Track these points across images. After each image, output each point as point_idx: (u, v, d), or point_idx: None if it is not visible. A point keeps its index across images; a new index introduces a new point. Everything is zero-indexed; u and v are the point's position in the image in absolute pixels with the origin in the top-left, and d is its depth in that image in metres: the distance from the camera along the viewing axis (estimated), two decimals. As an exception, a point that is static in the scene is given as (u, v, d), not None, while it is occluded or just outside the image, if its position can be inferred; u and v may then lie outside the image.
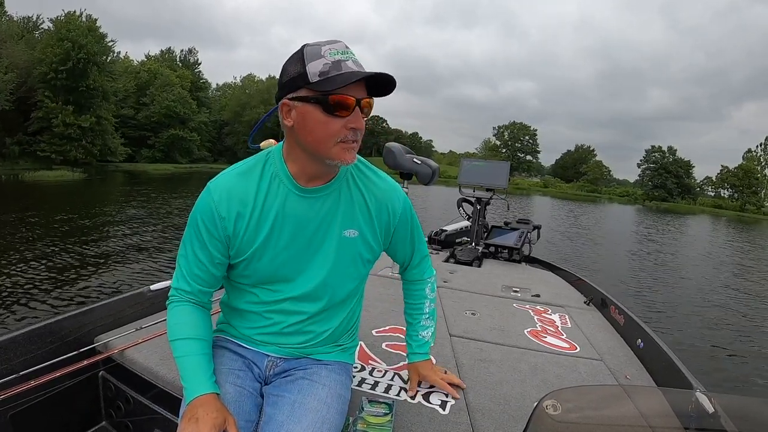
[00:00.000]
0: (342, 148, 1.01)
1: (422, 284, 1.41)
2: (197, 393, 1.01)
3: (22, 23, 34.00)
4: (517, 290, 3.07)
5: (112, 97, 34.76)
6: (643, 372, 1.89)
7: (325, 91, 0.95)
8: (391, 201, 1.20)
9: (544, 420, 0.85)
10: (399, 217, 1.22)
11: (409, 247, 1.32)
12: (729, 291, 9.17)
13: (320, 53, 0.95)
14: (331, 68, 0.94)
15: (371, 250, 1.20)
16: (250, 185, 1.09)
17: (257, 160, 1.13)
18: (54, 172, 23.95)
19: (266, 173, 1.10)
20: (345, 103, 0.96)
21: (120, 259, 7.03)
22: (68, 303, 4.91)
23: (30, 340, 1.53)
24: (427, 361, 1.45)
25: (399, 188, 1.24)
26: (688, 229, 27.22)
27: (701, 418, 0.87)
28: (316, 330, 1.21)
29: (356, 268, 1.20)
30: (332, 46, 0.97)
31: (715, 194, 71.61)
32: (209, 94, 57.99)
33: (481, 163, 4.82)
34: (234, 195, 1.08)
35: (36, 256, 6.65)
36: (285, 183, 1.09)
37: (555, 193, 63.63)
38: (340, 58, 0.95)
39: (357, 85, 0.97)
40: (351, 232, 1.15)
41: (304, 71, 0.96)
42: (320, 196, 1.11)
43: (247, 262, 1.12)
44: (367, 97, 1.00)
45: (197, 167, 43.08)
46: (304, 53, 0.97)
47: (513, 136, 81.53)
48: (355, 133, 1.01)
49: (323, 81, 0.94)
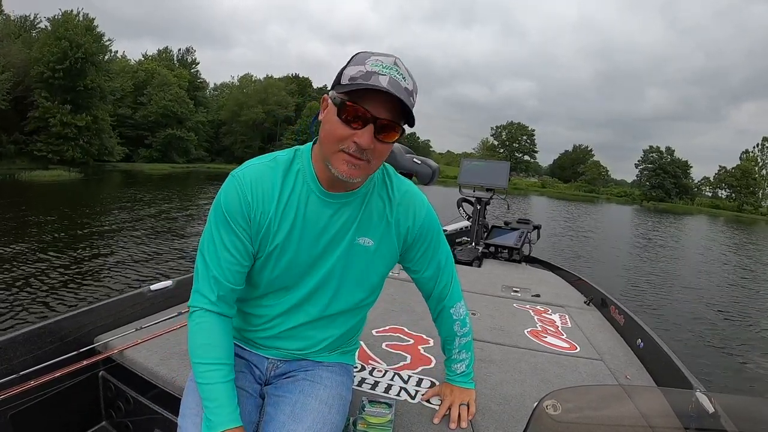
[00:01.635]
0: (342, 158, 0.96)
1: (448, 319, 1.34)
2: (223, 428, 0.98)
3: (19, 22, 33.94)
4: (517, 290, 3.07)
5: (110, 97, 34.65)
6: (643, 372, 1.89)
7: (345, 95, 0.93)
8: (411, 209, 1.16)
9: (544, 420, 0.85)
10: (418, 227, 1.17)
11: (428, 265, 1.25)
12: (729, 291, 9.21)
13: (364, 61, 0.93)
14: (362, 76, 0.91)
15: (385, 261, 1.17)
16: (275, 178, 1.05)
17: (284, 154, 1.09)
18: (50, 172, 23.85)
19: (292, 170, 1.07)
20: (356, 113, 0.92)
21: (119, 259, 7.00)
22: (68, 303, 4.90)
23: (30, 340, 1.53)
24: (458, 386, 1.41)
25: (420, 198, 1.19)
26: (687, 229, 27.30)
27: (701, 418, 0.87)
28: (319, 337, 1.20)
29: (368, 278, 1.17)
30: (378, 58, 0.93)
31: (713, 194, 71.94)
32: (207, 94, 57.87)
33: (481, 163, 4.83)
34: (260, 184, 1.04)
35: (35, 256, 6.63)
36: (309, 183, 1.06)
37: (553, 194, 63.71)
38: (376, 70, 0.91)
39: (385, 105, 0.93)
40: (366, 241, 1.12)
41: (341, 73, 0.95)
42: (342, 203, 1.08)
43: (264, 261, 1.08)
44: (392, 120, 0.94)
45: (194, 167, 43.05)
46: (353, 57, 0.96)
47: (511, 136, 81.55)
48: (359, 150, 0.94)
49: (347, 85, 0.92)
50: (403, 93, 0.91)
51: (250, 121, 54.02)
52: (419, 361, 1.77)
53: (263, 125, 55.59)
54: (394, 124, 0.95)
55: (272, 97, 55.71)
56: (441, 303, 1.32)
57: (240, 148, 54.25)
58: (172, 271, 6.51)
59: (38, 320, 1.64)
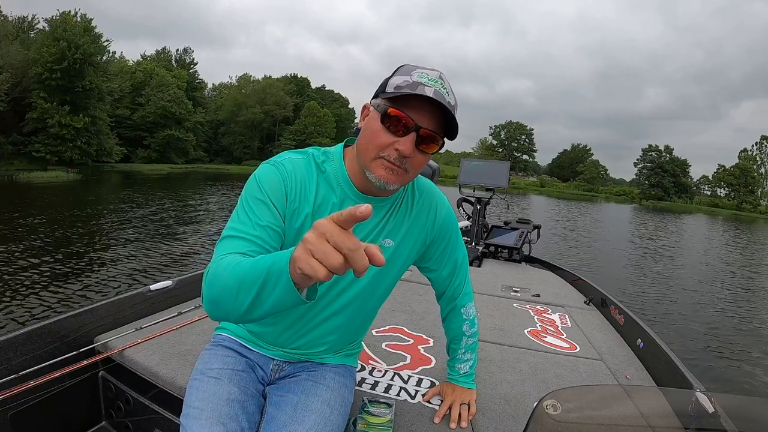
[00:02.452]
0: (381, 164, 0.95)
1: (458, 318, 1.35)
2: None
3: (17, 23, 33.88)
4: (517, 290, 3.07)
5: (108, 98, 34.61)
6: (643, 372, 1.90)
7: (389, 102, 0.93)
8: (434, 209, 1.17)
9: (544, 420, 0.85)
10: (438, 228, 1.19)
11: (446, 264, 1.26)
12: (729, 290, 9.20)
13: (410, 72, 0.94)
14: (408, 86, 0.92)
15: (402, 262, 1.18)
16: (311, 174, 1.04)
17: (318, 154, 1.07)
18: (48, 173, 23.87)
19: (326, 171, 1.06)
20: (398, 119, 0.92)
21: (119, 259, 6.99)
22: (68, 303, 4.89)
23: (30, 340, 1.53)
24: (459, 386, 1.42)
25: (442, 199, 1.20)
26: (686, 227, 27.31)
27: (701, 418, 0.87)
28: (328, 336, 1.20)
29: (383, 279, 1.17)
30: (424, 71, 0.94)
31: (712, 193, 72.00)
32: (205, 94, 57.80)
33: (481, 163, 4.83)
34: (298, 176, 1.02)
35: (34, 256, 6.62)
36: (342, 186, 1.05)
37: (551, 193, 63.79)
38: (422, 81, 0.92)
39: (429, 115, 0.93)
40: (387, 242, 1.12)
41: (386, 82, 0.97)
42: (376, 207, 1.07)
43: None
44: (434, 132, 0.94)
45: (193, 167, 43.03)
46: (399, 69, 0.98)
47: (509, 136, 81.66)
48: (400, 158, 0.94)
49: (392, 92, 0.93)
50: (447, 104, 0.92)
51: (249, 121, 53.98)
52: (419, 361, 1.77)
53: (262, 125, 55.54)
54: (435, 135, 0.95)
55: (271, 97, 55.67)
56: (453, 302, 1.33)
57: (239, 148, 54.27)
58: (172, 271, 6.50)
59: (38, 320, 1.63)
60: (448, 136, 0.98)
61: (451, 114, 0.93)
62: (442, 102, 0.90)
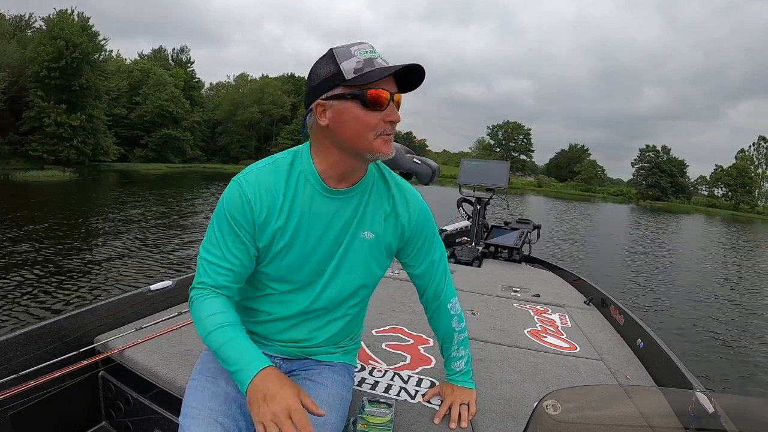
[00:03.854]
0: (383, 140, 1.03)
1: (446, 315, 1.35)
2: (257, 369, 0.95)
3: (14, 22, 33.77)
4: (517, 290, 3.08)
5: (105, 96, 34.55)
6: (643, 372, 1.90)
7: (362, 86, 0.98)
8: (407, 205, 1.20)
9: (544, 420, 0.85)
10: (414, 223, 1.21)
11: (423, 260, 1.27)
12: (729, 290, 9.21)
13: (351, 53, 0.98)
14: (365, 65, 0.97)
15: (384, 254, 1.20)
16: (278, 181, 1.08)
17: (285, 156, 1.12)
18: (45, 172, 23.75)
19: (294, 170, 1.10)
20: (382, 97, 0.99)
21: (119, 259, 6.98)
22: (68, 303, 4.88)
23: (30, 340, 1.53)
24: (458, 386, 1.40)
25: (416, 196, 1.24)
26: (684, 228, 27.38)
27: (701, 418, 0.87)
28: (323, 330, 1.21)
29: (369, 270, 1.19)
30: (361, 47, 1.00)
31: (709, 193, 72.22)
32: (202, 94, 57.70)
33: (481, 163, 4.83)
34: (264, 187, 1.07)
35: (32, 256, 6.60)
36: (311, 182, 1.09)
37: (549, 193, 63.83)
38: (370, 56, 0.98)
39: (388, 81, 1.00)
40: (367, 234, 1.15)
41: (338, 70, 0.98)
42: (346, 198, 1.11)
43: (272, 258, 1.11)
44: (397, 92, 1.03)
45: (190, 167, 42.90)
46: (335, 54, 0.99)
47: (507, 136, 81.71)
48: (393, 126, 1.04)
49: (359, 77, 0.97)
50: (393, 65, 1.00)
51: (246, 120, 53.91)
52: (419, 361, 1.77)
53: (259, 125, 55.47)
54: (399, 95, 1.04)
55: (268, 96, 55.59)
56: (437, 299, 1.33)
57: (236, 147, 54.17)
58: (172, 271, 6.49)
59: (38, 320, 1.63)
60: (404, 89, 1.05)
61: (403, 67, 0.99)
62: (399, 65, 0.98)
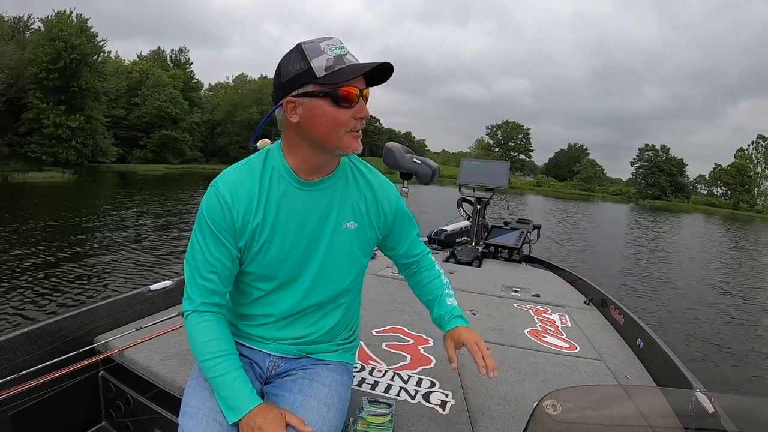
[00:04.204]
0: (352, 137, 1.05)
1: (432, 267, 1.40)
2: (248, 408, 1.01)
3: (12, 23, 33.73)
4: (517, 290, 3.08)
5: (104, 98, 34.50)
6: (643, 372, 1.90)
7: (333, 84, 0.98)
8: (386, 194, 1.24)
9: (544, 420, 0.85)
10: (395, 210, 1.26)
11: (407, 239, 1.34)
12: (729, 290, 9.21)
13: (320, 49, 0.98)
14: (335, 62, 0.98)
15: (369, 242, 1.22)
16: (253, 180, 1.10)
17: (257, 157, 1.13)
18: (43, 174, 23.70)
19: (266, 168, 1.11)
20: (352, 95, 1.00)
21: (118, 259, 6.97)
22: (68, 303, 4.87)
23: (30, 340, 1.53)
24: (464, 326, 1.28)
25: (390, 183, 1.28)
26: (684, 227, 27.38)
27: (701, 418, 0.87)
28: (317, 324, 1.21)
29: (355, 259, 1.21)
30: (330, 42, 1.00)
31: (708, 192, 72.30)
32: (201, 94, 57.64)
33: (481, 163, 4.83)
34: (239, 188, 1.08)
35: (32, 257, 6.59)
36: (285, 177, 1.10)
37: (548, 192, 63.87)
38: (340, 53, 0.99)
39: (359, 77, 1.01)
40: (350, 224, 1.17)
41: (309, 68, 0.98)
42: (320, 189, 1.12)
43: (254, 256, 1.12)
44: (366, 87, 1.04)
45: (189, 168, 42.88)
46: (305, 50, 0.99)
47: (506, 135, 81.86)
48: (363, 123, 1.05)
49: (330, 75, 0.97)
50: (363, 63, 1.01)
51: (245, 121, 53.85)
52: (419, 361, 1.77)
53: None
54: (367, 90, 1.06)
55: (267, 97, 55.45)
56: (426, 263, 1.39)
57: (235, 148, 54.05)
58: (172, 271, 6.49)
59: (38, 320, 1.63)
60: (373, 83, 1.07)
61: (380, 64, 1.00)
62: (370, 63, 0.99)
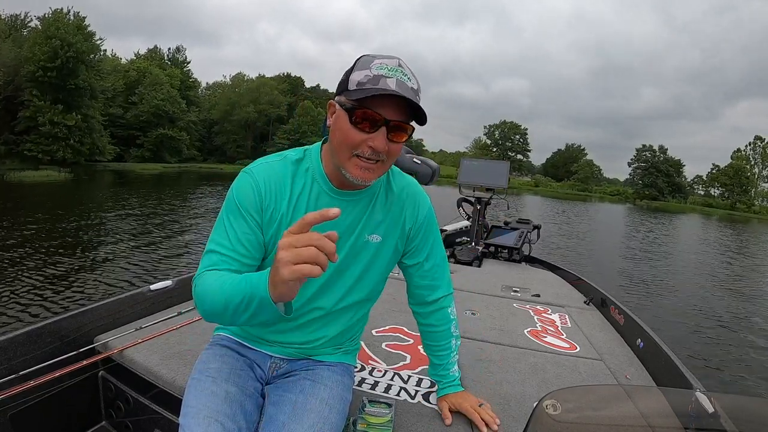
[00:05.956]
0: (356, 163, 0.98)
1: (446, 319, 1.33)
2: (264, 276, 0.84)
3: (9, 21, 33.62)
4: (517, 290, 3.08)
5: (101, 96, 34.41)
6: (643, 372, 1.90)
7: (356, 101, 0.94)
8: (417, 205, 1.20)
9: (544, 420, 0.85)
10: (420, 223, 1.21)
11: (428, 259, 1.27)
12: (729, 291, 9.22)
13: (369, 65, 0.95)
14: (369, 81, 0.94)
15: (390, 257, 1.20)
16: (286, 175, 1.07)
17: (294, 153, 1.11)
18: (40, 172, 23.60)
19: (302, 168, 1.09)
20: (369, 118, 0.94)
21: (117, 259, 6.95)
22: (68, 303, 4.86)
23: (30, 340, 1.53)
24: (461, 392, 1.37)
25: (425, 195, 1.23)
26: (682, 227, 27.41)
27: (701, 418, 0.87)
28: (325, 332, 1.21)
29: (375, 273, 1.20)
30: (383, 61, 0.96)
31: (706, 193, 72.47)
32: (198, 93, 57.49)
33: (481, 163, 4.83)
34: (272, 180, 1.06)
35: (30, 256, 6.57)
36: (318, 181, 1.08)
37: (546, 192, 63.91)
38: (383, 73, 0.94)
39: (394, 106, 0.95)
40: (374, 237, 1.15)
41: (347, 78, 0.97)
42: (352, 200, 1.10)
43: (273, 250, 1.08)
44: (403, 121, 0.97)
45: (186, 167, 42.79)
46: (357, 61, 0.98)
47: (504, 135, 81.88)
48: (374, 153, 0.97)
49: (356, 91, 0.94)
50: (410, 93, 0.94)
51: (243, 120, 53.84)
52: (419, 360, 1.77)
53: (255, 125, 55.42)
54: (404, 125, 0.98)
55: (264, 96, 55.59)
56: (438, 302, 1.32)
57: (232, 147, 54.08)
58: (172, 270, 6.48)
59: (38, 320, 1.63)
60: (417, 121, 1.00)
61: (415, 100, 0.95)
62: (405, 94, 0.92)
